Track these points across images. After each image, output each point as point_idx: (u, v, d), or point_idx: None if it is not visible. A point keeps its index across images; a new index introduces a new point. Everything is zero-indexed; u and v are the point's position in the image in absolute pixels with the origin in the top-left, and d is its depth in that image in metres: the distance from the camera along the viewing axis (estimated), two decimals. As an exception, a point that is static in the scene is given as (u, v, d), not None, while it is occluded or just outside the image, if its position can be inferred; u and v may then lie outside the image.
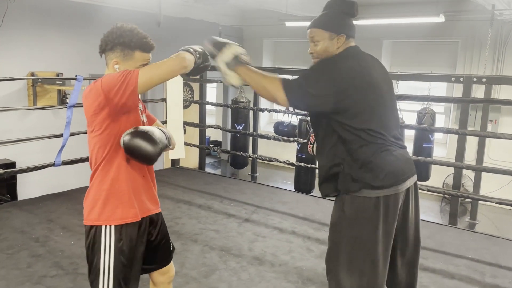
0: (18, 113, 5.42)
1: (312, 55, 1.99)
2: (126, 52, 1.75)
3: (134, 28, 1.78)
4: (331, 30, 1.92)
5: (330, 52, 1.93)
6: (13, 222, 3.77)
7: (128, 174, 1.79)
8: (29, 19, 5.63)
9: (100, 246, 1.76)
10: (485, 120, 4.57)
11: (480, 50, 6.97)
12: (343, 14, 1.95)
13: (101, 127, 1.72)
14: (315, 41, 1.95)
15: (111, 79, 1.65)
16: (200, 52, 1.83)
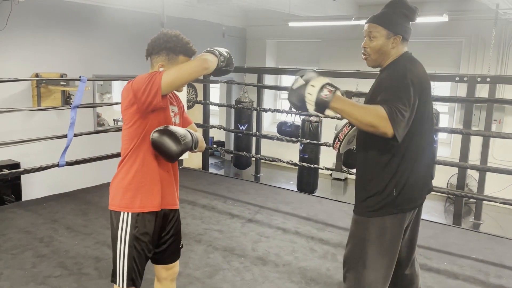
0: (23, 114, 5.45)
1: (365, 50, 1.98)
2: (171, 56, 1.88)
3: (178, 34, 1.91)
4: (390, 29, 1.91)
5: (383, 50, 1.93)
6: (17, 222, 3.79)
7: (151, 167, 1.89)
8: (33, 20, 5.66)
9: (117, 231, 1.89)
10: (490, 120, 4.56)
11: (484, 50, 6.95)
12: (404, 16, 1.94)
13: (131, 121, 1.85)
14: (372, 37, 1.94)
15: (140, 80, 1.78)
16: (225, 55, 1.89)
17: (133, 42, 6.85)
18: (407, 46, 1.98)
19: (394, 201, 1.89)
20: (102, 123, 7.27)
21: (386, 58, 1.96)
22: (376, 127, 1.72)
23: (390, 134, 1.71)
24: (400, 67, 1.89)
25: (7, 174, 4.10)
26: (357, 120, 1.75)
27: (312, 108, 1.78)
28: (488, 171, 4.47)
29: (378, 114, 1.71)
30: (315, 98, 1.76)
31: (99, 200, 4.43)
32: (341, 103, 1.76)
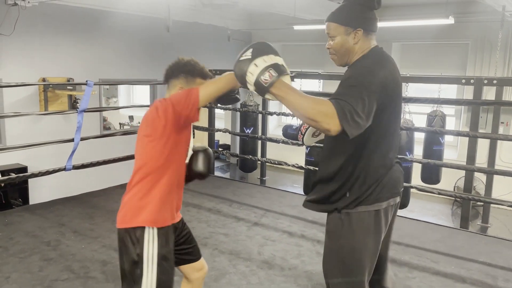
0: (30, 118, 5.49)
1: (329, 50, 1.88)
2: (189, 78, 2.00)
3: (194, 59, 2.04)
4: (347, 24, 1.79)
5: (346, 48, 1.81)
6: (25, 226, 3.82)
7: (174, 181, 1.98)
8: (40, 25, 5.71)
9: (143, 249, 1.87)
10: (497, 122, 4.53)
11: (491, 52, 6.91)
12: (361, 7, 1.80)
13: (163, 136, 1.87)
14: (331, 36, 1.84)
15: (179, 95, 1.87)
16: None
17: (139, 46, 6.90)
18: (374, 38, 1.84)
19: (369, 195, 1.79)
20: (108, 127, 7.32)
21: (352, 55, 1.83)
22: (318, 122, 1.54)
23: (334, 132, 1.53)
24: (365, 63, 1.76)
25: (14, 178, 4.14)
26: (298, 112, 1.57)
27: (252, 88, 1.62)
28: (495, 174, 4.43)
29: (323, 108, 1.53)
30: (254, 80, 1.60)
31: (105, 203, 4.45)
32: (282, 91, 1.59)
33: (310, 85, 7.81)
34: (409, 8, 7.05)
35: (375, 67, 1.73)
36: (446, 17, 5.77)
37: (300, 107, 1.57)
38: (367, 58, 1.80)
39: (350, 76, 1.73)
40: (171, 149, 1.91)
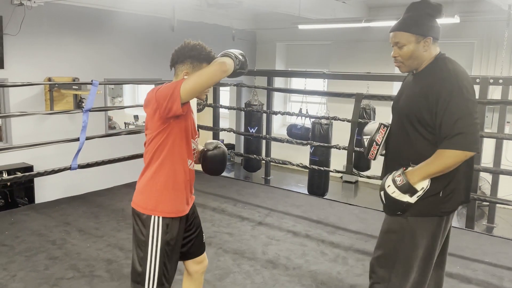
0: (36, 117, 5.52)
1: (395, 59, 1.94)
2: (195, 64, 1.92)
3: (201, 43, 1.96)
4: (418, 33, 1.86)
5: (416, 56, 1.88)
6: (30, 225, 3.84)
7: (178, 174, 1.96)
8: (46, 25, 5.74)
9: (148, 235, 1.93)
10: (502, 122, 4.50)
11: (497, 51, 6.87)
12: (429, 16, 1.88)
13: (157, 129, 1.90)
14: (401, 45, 1.89)
15: (165, 87, 1.85)
16: (240, 58, 1.92)
17: (144, 46, 6.91)
18: (438, 45, 1.93)
19: (440, 203, 1.84)
20: (114, 126, 7.34)
21: (421, 62, 1.91)
22: (458, 164, 1.77)
23: (470, 156, 1.77)
24: (443, 72, 1.84)
25: (20, 177, 4.16)
26: (442, 173, 1.79)
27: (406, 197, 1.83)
28: (501, 174, 4.40)
29: (453, 156, 1.74)
30: (398, 191, 1.83)
31: (110, 202, 4.47)
32: (418, 175, 1.81)
33: (315, 84, 7.80)
34: (415, 7, 7.00)
35: (454, 69, 1.84)
36: (452, 16, 5.74)
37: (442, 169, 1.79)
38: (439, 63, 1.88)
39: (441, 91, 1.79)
40: (169, 141, 1.90)
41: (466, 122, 1.74)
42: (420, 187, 1.81)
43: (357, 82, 5.72)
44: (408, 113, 1.89)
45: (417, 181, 1.81)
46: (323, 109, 6.65)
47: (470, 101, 1.78)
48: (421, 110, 1.82)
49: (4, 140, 5.55)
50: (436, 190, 1.82)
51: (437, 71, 1.85)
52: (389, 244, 1.92)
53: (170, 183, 1.94)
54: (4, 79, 5.26)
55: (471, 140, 1.74)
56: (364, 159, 5.94)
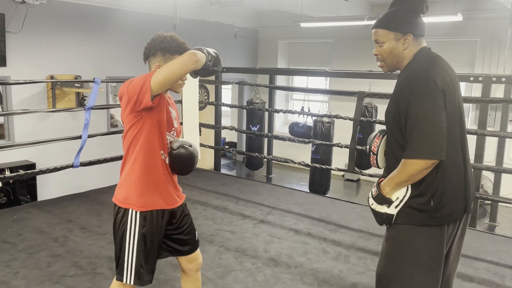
0: (38, 115, 5.53)
1: (376, 57, 1.87)
2: (166, 56, 1.89)
3: (173, 35, 1.93)
4: (397, 30, 1.78)
5: (395, 54, 1.81)
6: (33, 222, 3.85)
7: (151, 168, 1.94)
8: (48, 23, 5.74)
9: (126, 228, 1.95)
10: (505, 120, 4.49)
11: (500, 49, 6.85)
12: (410, 12, 1.80)
13: (130, 122, 1.90)
14: (380, 42, 1.83)
15: (135, 82, 1.82)
16: (212, 54, 1.88)
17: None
18: (423, 41, 1.83)
19: (433, 212, 1.74)
20: (116, 124, 7.33)
21: (401, 61, 1.83)
22: (423, 173, 1.68)
23: (434, 163, 1.67)
24: (411, 70, 1.76)
25: (23, 175, 4.17)
26: (410, 182, 1.73)
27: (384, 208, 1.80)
28: (503, 172, 4.40)
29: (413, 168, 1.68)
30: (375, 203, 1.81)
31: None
32: (388, 185, 1.77)
33: (317, 82, 7.79)
34: (417, 5, 6.98)
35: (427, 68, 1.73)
36: (455, 14, 5.73)
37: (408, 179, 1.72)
38: (415, 62, 1.80)
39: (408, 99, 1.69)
40: (142, 134, 1.89)
41: (426, 127, 1.64)
42: (395, 197, 1.76)
43: (359, 80, 5.71)
44: (388, 118, 1.82)
45: (388, 191, 1.76)
46: (325, 107, 6.65)
47: (432, 103, 1.65)
48: (393, 110, 1.76)
49: (6, 137, 5.56)
50: (425, 199, 1.73)
51: (409, 68, 1.78)
52: (389, 251, 1.85)
53: (145, 176, 1.93)
54: (6, 76, 5.27)
55: (431, 147, 1.64)
56: (366, 157, 5.95)
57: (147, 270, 1.98)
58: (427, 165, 1.66)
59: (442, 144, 1.66)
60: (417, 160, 1.65)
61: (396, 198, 1.76)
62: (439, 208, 1.73)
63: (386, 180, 1.78)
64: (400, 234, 1.80)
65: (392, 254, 1.82)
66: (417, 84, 1.69)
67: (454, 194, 1.77)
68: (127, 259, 1.94)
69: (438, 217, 1.75)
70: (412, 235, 1.77)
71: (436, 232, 1.76)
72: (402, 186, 1.74)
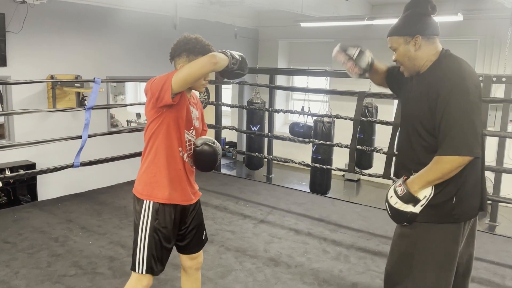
0: (38, 115, 5.53)
1: (396, 63, 1.94)
2: (191, 57, 1.96)
3: (198, 37, 2.00)
4: (405, 34, 1.85)
5: (409, 56, 1.85)
6: (33, 222, 3.85)
7: (169, 164, 2.01)
8: (48, 23, 5.74)
9: (140, 219, 2.01)
10: (505, 120, 4.49)
11: (500, 49, 6.84)
12: (417, 15, 1.85)
13: (151, 118, 1.98)
14: (394, 49, 1.90)
15: (158, 79, 1.90)
16: (237, 58, 1.94)
17: (146, 43, 6.91)
18: (437, 40, 1.88)
19: (452, 209, 1.76)
20: (116, 124, 7.35)
21: (420, 62, 1.85)
22: (458, 170, 1.70)
23: (470, 160, 1.69)
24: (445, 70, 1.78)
25: (23, 175, 4.17)
26: (442, 180, 1.73)
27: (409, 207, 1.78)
28: (503, 172, 4.40)
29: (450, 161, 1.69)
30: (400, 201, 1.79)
31: (112, 200, 4.48)
32: (417, 183, 1.76)
33: (317, 82, 7.79)
34: (417, 5, 6.98)
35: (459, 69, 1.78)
36: (455, 14, 5.72)
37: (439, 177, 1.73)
38: (443, 63, 1.82)
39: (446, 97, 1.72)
40: (161, 129, 1.96)
41: (464, 125, 1.68)
42: (422, 196, 1.76)
43: (360, 80, 5.65)
44: (412, 116, 1.86)
45: (417, 190, 1.77)
46: (325, 107, 6.64)
47: (470, 103, 1.71)
48: (423, 110, 1.77)
49: (7, 137, 5.56)
50: (448, 196, 1.76)
51: (439, 69, 1.80)
52: (402, 249, 1.85)
53: (162, 170, 1.99)
54: (6, 76, 5.27)
55: (468, 144, 1.68)
56: (366, 157, 5.94)
57: (158, 261, 2.02)
58: (463, 162, 1.68)
59: (479, 141, 1.71)
60: (455, 157, 1.68)
61: (423, 196, 1.76)
62: (459, 205, 1.77)
63: (415, 178, 1.78)
64: (418, 232, 1.80)
65: (407, 252, 1.83)
66: (456, 84, 1.72)
67: (473, 191, 1.81)
68: (139, 249, 1.99)
69: (457, 214, 1.78)
70: (430, 233, 1.79)
71: (454, 230, 1.80)
72: (433, 183, 1.75)
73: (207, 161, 2.07)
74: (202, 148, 2.04)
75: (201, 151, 2.04)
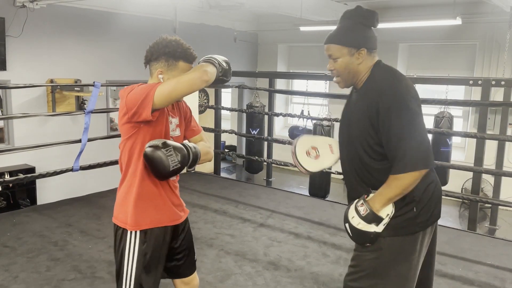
0: (38, 119, 5.53)
1: (332, 72, 1.83)
2: (170, 62, 1.79)
3: (178, 39, 1.81)
4: (351, 45, 1.75)
5: (351, 69, 1.78)
6: (32, 226, 3.84)
7: (149, 182, 1.82)
8: (48, 27, 5.76)
9: (125, 246, 1.83)
10: (505, 124, 4.50)
11: (499, 53, 6.87)
12: (362, 26, 1.78)
13: (126, 134, 1.78)
14: (335, 58, 1.79)
15: (136, 92, 1.69)
16: (224, 66, 1.81)
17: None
18: (376, 55, 1.82)
19: (415, 219, 1.72)
20: (115, 128, 7.33)
21: (358, 76, 1.79)
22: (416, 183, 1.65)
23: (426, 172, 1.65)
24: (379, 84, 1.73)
25: (22, 179, 4.17)
26: (402, 195, 1.69)
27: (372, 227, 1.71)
28: (503, 176, 4.40)
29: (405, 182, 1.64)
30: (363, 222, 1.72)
31: (112, 204, 4.42)
32: (379, 201, 1.70)
33: (317, 86, 7.80)
34: (416, 8, 7.01)
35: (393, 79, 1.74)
36: (454, 17, 5.74)
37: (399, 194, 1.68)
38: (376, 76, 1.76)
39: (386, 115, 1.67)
40: (136, 147, 1.77)
41: (411, 139, 1.63)
42: (385, 214, 1.70)
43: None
44: (355, 136, 1.78)
45: (379, 208, 1.70)
46: (324, 110, 6.64)
47: (411, 114, 1.65)
48: (367, 128, 1.72)
49: (6, 141, 5.57)
50: (408, 208, 1.72)
51: (374, 84, 1.75)
52: (365, 263, 1.78)
53: (144, 193, 1.81)
54: (6, 80, 5.27)
55: (421, 157, 1.64)
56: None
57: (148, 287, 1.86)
58: (421, 175, 1.65)
59: (430, 150, 1.68)
60: (412, 173, 1.63)
61: (386, 215, 1.70)
62: (421, 214, 1.73)
63: (376, 197, 1.71)
64: (381, 246, 1.74)
65: (370, 266, 1.76)
66: (394, 100, 1.67)
67: (432, 198, 1.77)
68: (126, 277, 1.83)
69: (420, 223, 1.74)
70: (393, 246, 1.73)
71: (417, 239, 1.75)
72: (394, 200, 1.70)
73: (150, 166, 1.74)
74: (145, 151, 1.71)
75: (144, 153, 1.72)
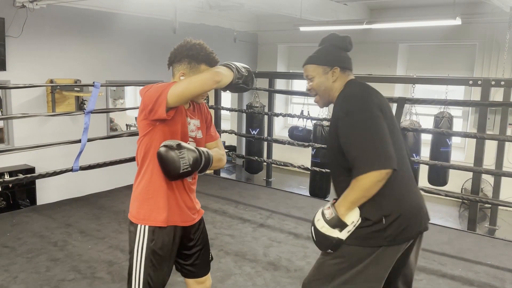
0: (38, 119, 5.53)
1: (310, 91, 1.94)
2: (192, 64, 1.83)
3: (202, 43, 1.86)
4: (324, 64, 1.88)
5: (326, 86, 1.87)
6: (32, 226, 3.84)
7: (161, 181, 1.85)
8: (48, 27, 5.76)
9: (134, 243, 1.86)
10: (504, 124, 4.50)
11: (499, 53, 6.86)
12: (335, 48, 1.92)
13: (143, 131, 1.83)
14: (311, 77, 1.90)
15: (153, 90, 1.74)
16: (242, 72, 1.83)
17: (146, 48, 6.92)
18: (351, 74, 1.91)
19: (383, 232, 1.68)
20: (115, 128, 7.35)
21: (333, 93, 1.88)
22: (378, 186, 1.62)
23: (388, 174, 1.61)
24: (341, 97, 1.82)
25: (22, 179, 4.17)
26: (365, 198, 1.65)
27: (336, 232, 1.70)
28: (503, 176, 4.40)
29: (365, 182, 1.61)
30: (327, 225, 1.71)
31: (112, 204, 4.47)
32: (343, 205, 1.68)
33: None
34: (416, 9, 7.01)
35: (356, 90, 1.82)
36: (454, 18, 5.73)
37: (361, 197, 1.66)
38: (345, 90, 1.86)
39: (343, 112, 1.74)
40: (152, 145, 1.81)
41: (368, 141, 1.64)
42: (350, 221, 1.68)
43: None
44: (332, 148, 1.82)
45: (344, 212, 1.68)
46: (324, 111, 6.65)
47: (370, 118, 1.68)
48: (335, 139, 1.76)
49: (6, 141, 5.56)
50: (376, 218, 1.68)
51: (340, 97, 1.85)
52: (326, 268, 1.78)
53: (159, 191, 1.84)
54: (6, 81, 5.27)
55: (378, 157, 1.61)
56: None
57: (156, 285, 1.89)
58: (381, 176, 1.61)
59: (390, 151, 1.63)
60: (369, 173, 1.61)
61: (351, 222, 1.69)
62: (391, 227, 1.68)
63: (340, 201, 1.71)
64: (344, 253, 1.72)
65: (331, 274, 1.75)
66: (350, 103, 1.76)
67: (407, 212, 1.72)
68: (135, 274, 1.85)
69: (389, 237, 1.68)
70: (356, 256, 1.70)
71: (384, 253, 1.70)
72: (358, 203, 1.67)
73: (161, 165, 1.78)
74: (159, 150, 1.76)
75: (157, 152, 1.77)
